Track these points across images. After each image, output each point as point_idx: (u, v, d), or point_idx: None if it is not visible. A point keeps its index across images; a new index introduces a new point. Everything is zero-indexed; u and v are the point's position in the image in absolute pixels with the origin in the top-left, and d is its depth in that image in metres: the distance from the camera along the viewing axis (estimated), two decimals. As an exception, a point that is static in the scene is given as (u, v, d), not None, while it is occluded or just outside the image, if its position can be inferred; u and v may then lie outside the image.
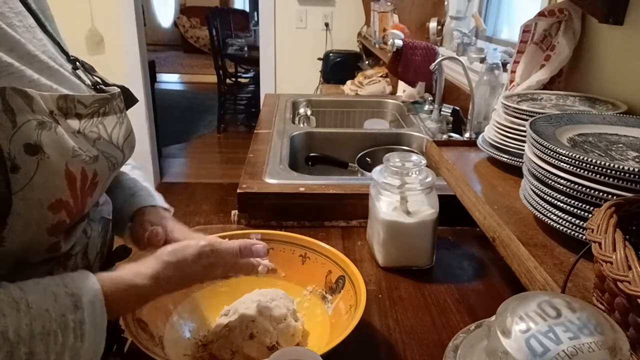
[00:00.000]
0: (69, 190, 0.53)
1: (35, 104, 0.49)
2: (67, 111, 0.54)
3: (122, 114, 0.63)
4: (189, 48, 9.25)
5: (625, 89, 0.89)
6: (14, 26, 0.53)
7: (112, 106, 0.61)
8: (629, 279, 0.39)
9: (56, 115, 0.52)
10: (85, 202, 0.57)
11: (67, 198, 0.53)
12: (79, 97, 0.55)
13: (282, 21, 3.57)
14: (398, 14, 2.47)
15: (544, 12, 1.03)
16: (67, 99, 0.54)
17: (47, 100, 0.51)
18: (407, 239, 0.91)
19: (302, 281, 0.81)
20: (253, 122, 4.30)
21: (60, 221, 0.53)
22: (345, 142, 1.68)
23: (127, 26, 3.49)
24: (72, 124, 0.54)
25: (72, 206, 0.54)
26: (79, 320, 0.50)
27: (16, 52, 0.51)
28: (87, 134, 0.56)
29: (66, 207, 0.53)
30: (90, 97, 0.57)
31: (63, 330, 0.49)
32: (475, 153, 1.00)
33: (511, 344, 0.36)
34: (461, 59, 1.58)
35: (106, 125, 0.59)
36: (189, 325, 0.74)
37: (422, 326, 0.79)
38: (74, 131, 0.54)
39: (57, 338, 0.49)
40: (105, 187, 0.63)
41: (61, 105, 0.53)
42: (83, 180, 0.55)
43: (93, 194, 0.58)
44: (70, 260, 0.61)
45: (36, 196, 0.49)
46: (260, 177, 1.22)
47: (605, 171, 0.56)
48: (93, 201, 0.60)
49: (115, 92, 0.62)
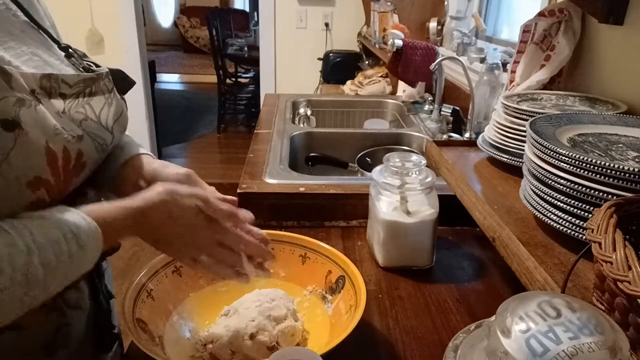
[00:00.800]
0: (49, 168, 0.52)
1: (14, 81, 0.49)
2: (50, 90, 0.53)
3: (110, 94, 0.62)
4: (189, 48, 9.25)
5: (625, 89, 0.89)
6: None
7: (98, 86, 0.60)
8: (629, 279, 0.39)
9: (38, 94, 0.52)
10: (68, 182, 0.56)
11: (47, 176, 0.52)
12: (63, 77, 0.55)
13: (282, 21, 3.57)
14: (398, 14, 2.47)
15: (544, 12, 1.03)
16: (50, 78, 0.53)
17: (28, 78, 0.51)
18: (407, 239, 0.91)
19: (302, 281, 0.81)
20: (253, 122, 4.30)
21: (40, 199, 0.53)
22: (345, 142, 1.68)
23: (127, 26, 3.49)
24: (56, 104, 0.54)
25: (53, 184, 0.53)
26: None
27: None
28: (72, 114, 0.56)
29: (46, 185, 0.52)
30: (75, 76, 0.57)
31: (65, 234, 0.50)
32: (475, 153, 1.00)
33: (511, 344, 0.36)
34: (461, 59, 1.58)
35: (93, 106, 0.59)
36: (189, 325, 0.74)
37: (422, 326, 0.79)
38: (58, 111, 0.54)
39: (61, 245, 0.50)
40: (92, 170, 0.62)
41: (44, 84, 0.53)
42: (66, 159, 0.54)
43: (80, 175, 0.57)
44: None
45: (13, 172, 0.49)
46: (260, 177, 1.22)
47: (605, 171, 0.56)
48: (79, 182, 0.59)
49: (102, 72, 0.61)
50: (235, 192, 1.13)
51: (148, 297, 0.71)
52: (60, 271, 0.50)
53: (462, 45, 1.89)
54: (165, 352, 0.66)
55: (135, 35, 3.52)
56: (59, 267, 0.50)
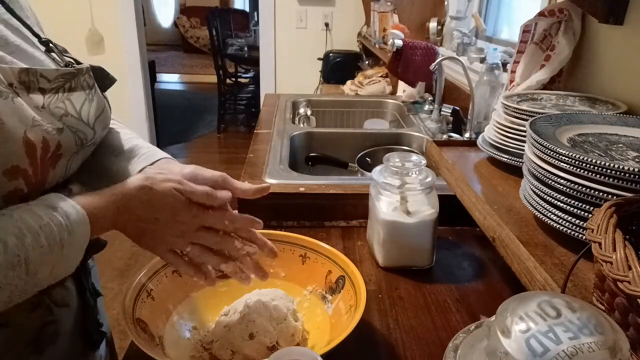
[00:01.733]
0: (27, 158, 0.52)
1: None
2: (29, 85, 0.53)
3: (91, 90, 0.62)
4: (189, 48, 9.26)
5: (625, 89, 0.89)
6: None
7: (78, 82, 0.59)
8: (629, 279, 0.39)
9: (17, 88, 0.52)
10: (45, 173, 0.56)
11: (25, 166, 0.52)
12: (42, 71, 0.55)
13: (282, 21, 3.57)
14: (398, 14, 2.47)
15: (544, 12, 1.03)
16: (29, 73, 0.53)
17: (6, 72, 0.51)
18: (407, 239, 0.91)
19: (302, 281, 0.81)
20: (253, 122, 4.30)
21: (17, 189, 0.53)
22: (345, 142, 1.68)
23: (127, 26, 3.49)
24: (35, 99, 0.54)
25: (31, 175, 0.53)
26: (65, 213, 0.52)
27: None
28: (52, 109, 0.56)
29: (24, 174, 0.53)
30: (54, 71, 0.56)
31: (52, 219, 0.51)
32: (475, 153, 1.00)
33: (511, 344, 0.36)
34: (461, 59, 1.58)
35: (73, 102, 0.58)
36: (189, 325, 0.74)
37: (422, 326, 0.79)
38: (37, 106, 0.54)
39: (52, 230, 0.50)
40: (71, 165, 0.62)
41: (23, 78, 0.53)
42: (44, 149, 0.54)
43: (56, 166, 0.57)
44: None
45: None
46: (260, 177, 1.22)
47: (605, 171, 0.56)
48: (55, 176, 0.59)
49: (82, 68, 0.61)
50: (235, 192, 1.13)
51: (148, 297, 0.71)
52: (50, 257, 0.50)
53: (462, 45, 1.89)
54: (165, 352, 0.66)
55: (135, 35, 3.52)
56: (49, 254, 0.50)
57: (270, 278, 0.82)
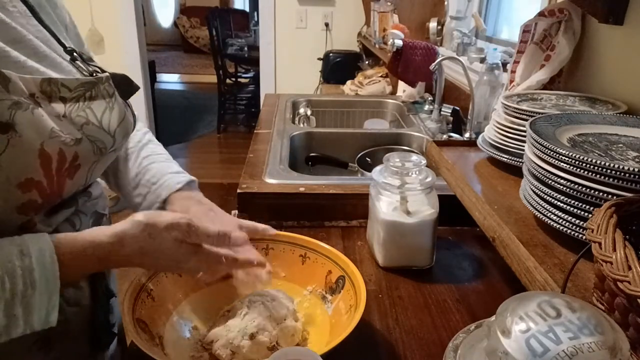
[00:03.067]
0: (42, 170, 0.53)
1: (11, 85, 0.50)
2: (50, 94, 0.54)
3: (111, 98, 0.62)
4: (189, 48, 9.25)
5: (625, 89, 0.89)
6: (4, 10, 0.54)
7: (98, 90, 0.60)
8: (629, 279, 0.39)
9: (38, 98, 0.53)
10: (62, 184, 0.56)
11: (39, 178, 0.53)
12: (63, 81, 0.55)
13: (282, 21, 3.57)
14: (398, 14, 2.47)
15: (544, 12, 1.03)
16: (50, 82, 0.54)
17: (28, 82, 0.52)
18: (407, 239, 0.91)
19: (302, 281, 0.81)
20: (253, 122, 4.30)
21: (31, 200, 0.53)
22: (345, 142, 1.68)
23: (127, 26, 3.49)
24: (56, 108, 0.55)
25: (46, 186, 0.54)
26: (27, 267, 0.49)
27: (1, 36, 0.52)
28: (73, 118, 0.56)
29: (38, 186, 0.53)
30: (75, 80, 0.57)
31: (10, 277, 0.48)
32: (475, 153, 1.00)
33: (511, 344, 0.36)
34: (461, 59, 1.58)
35: (94, 110, 0.59)
36: (189, 325, 0.74)
37: (422, 326, 0.79)
38: (58, 115, 0.54)
39: (5, 284, 0.48)
40: (92, 173, 0.63)
41: (45, 88, 0.53)
42: (60, 161, 0.54)
43: (74, 176, 0.58)
44: None
45: (4, 173, 0.50)
46: (260, 177, 1.22)
47: (605, 171, 0.56)
48: (74, 185, 0.60)
49: (102, 77, 0.61)
50: (235, 192, 1.13)
51: (148, 297, 0.71)
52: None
53: (462, 45, 1.89)
54: (165, 352, 0.66)
55: (135, 35, 3.52)
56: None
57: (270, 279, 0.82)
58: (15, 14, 0.56)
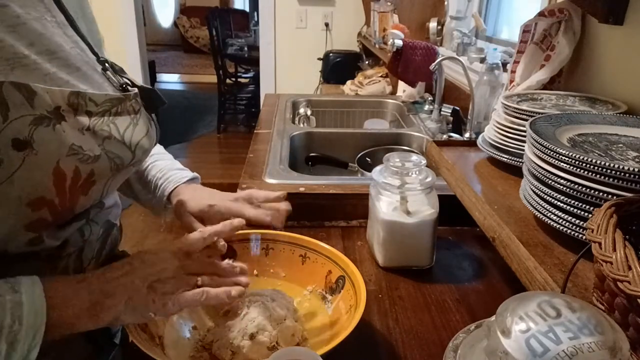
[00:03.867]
0: (54, 188, 0.52)
1: (37, 98, 0.49)
2: (77, 107, 0.54)
3: (136, 115, 0.62)
4: (189, 48, 9.26)
5: (625, 89, 0.89)
6: (43, 20, 0.54)
7: (125, 107, 0.60)
8: (629, 279, 0.39)
9: (64, 111, 0.52)
10: (75, 201, 0.56)
11: (51, 196, 0.52)
12: (91, 95, 0.55)
13: (282, 21, 3.57)
14: (398, 14, 2.47)
15: (544, 12, 1.03)
16: (78, 96, 0.53)
17: (55, 95, 0.51)
18: (407, 239, 0.91)
19: (302, 281, 0.81)
20: (253, 122, 4.30)
21: (41, 219, 0.53)
22: (345, 142, 1.68)
23: (127, 26, 3.49)
24: (81, 120, 0.54)
25: (57, 205, 0.53)
26: (17, 301, 0.49)
27: (35, 47, 0.51)
28: (96, 131, 0.56)
29: (49, 205, 0.52)
30: (103, 95, 0.57)
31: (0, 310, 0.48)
32: (475, 153, 1.00)
33: (511, 344, 0.36)
34: (461, 59, 1.58)
35: (118, 125, 0.59)
36: (189, 325, 0.74)
37: (422, 326, 0.79)
38: (82, 128, 0.54)
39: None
40: (108, 188, 0.62)
41: (72, 101, 0.53)
42: (75, 178, 0.54)
43: (89, 192, 0.57)
44: (60, 261, 0.60)
45: (15, 192, 0.49)
46: (260, 177, 1.22)
47: (605, 171, 0.56)
48: (89, 200, 0.59)
49: (129, 94, 0.61)
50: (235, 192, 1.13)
51: (148, 297, 0.71)
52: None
53: (462, 45, 1.89)
54: (165, 352, 0.66)
55: (135, 35, 3.52)
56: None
57: (270, 278, 0.82)
58: (53, 24, 0.55)
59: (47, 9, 0.55)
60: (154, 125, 0.68)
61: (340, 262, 0.78)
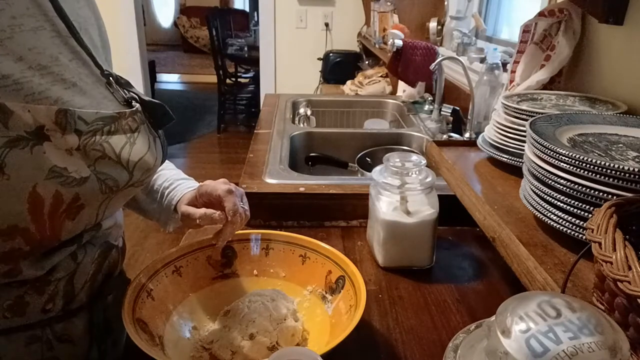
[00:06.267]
0: (29, 215, 0.48)
1: (13, 119, 0.45)
2: (65, 126, 0.50)
3: (133, 133, 0.58)
4: (189, 48, 9.26)
5: (625, 89, 0.89)
6: (39, 31, 0.51)
7: (119, 125, 0.56)
8: (629, 279, 0.39)
9: (48, 130, 0.48)
10: (58, 227, 0.52)
11: (25, 224, 0.49)
12: (80, 113, 0.51)
13: (282, 21, 3.57)
14: (398, 14, 2.47)
15: (544, 12, 1.03)
16: (67, 114, 0.50)
17: (39, 113, 0.47)
18: (407, 239, 0.91)
19: (302, 281, 0.81)
20: (253, 122, 4.30)
21: (14, 249, 0.49)
22: (345, 142, 1.68)
23: (127, 26, 3.49)
24: (70, 140, 0.50)
25: (34, 232, 0.50)
26: None
27: (25, 61, 0.48)
28: (88, 151, 0.52)
29: (23, 234, 0.49)
30: (93, 114, 0.53)
31: None
32: (475, 153, 1.00)
33: (511, 344, 0.36)
34: (461, 59, 1.58)
35: (113, 144, 0.55)
36: (189, 325, 0.74)
37: (422, 326, 0.79)
38: (70, 148, 0.50)
39: None
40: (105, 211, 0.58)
41: (60, 120, 0.49)
42: (55, 204, 0.50)
43: (76, 217, 0.54)
44: (49, 286, 0.57)
45: None
46: (260, 177, 1.22)
47: (605, 171, 0.56)
48: (79, 225, 0.56)
49: (125, 112, 0.57)
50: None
51: (148, 297, 0.71)
52: None
53: (462, 45, 1.89)
54: (165, 352, 0.66)
55: (135, 35, 3.52)
56: None
57: (270, 278, 0.82)
58: (52, 35, 0.52)
59: (48, 19, 0.53)
60: (160, 142, 0.65)
61: (340, 262, 0.78)
